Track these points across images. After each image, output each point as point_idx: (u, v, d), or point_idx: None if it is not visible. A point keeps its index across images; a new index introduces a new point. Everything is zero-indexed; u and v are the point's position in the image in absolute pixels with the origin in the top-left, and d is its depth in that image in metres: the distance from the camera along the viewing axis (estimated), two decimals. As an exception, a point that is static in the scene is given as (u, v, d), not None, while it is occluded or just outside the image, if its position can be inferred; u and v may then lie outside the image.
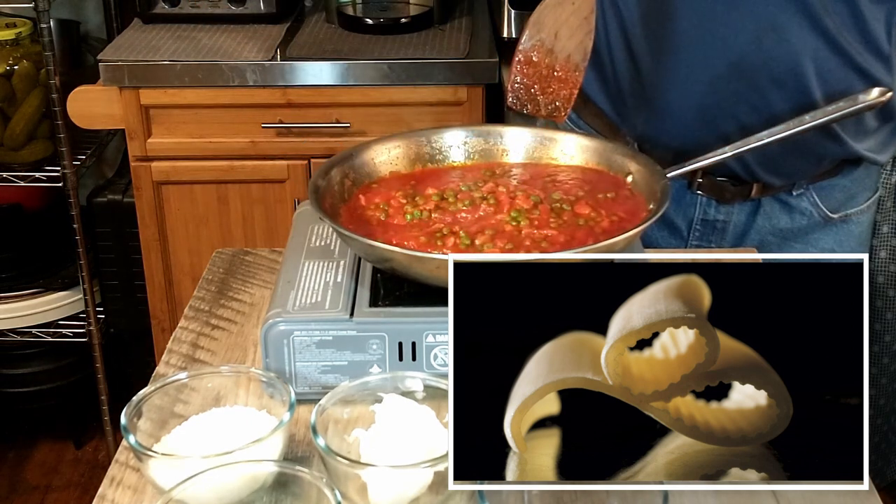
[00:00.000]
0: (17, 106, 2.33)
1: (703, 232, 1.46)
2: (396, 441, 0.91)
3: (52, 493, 2.56)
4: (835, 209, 1.46)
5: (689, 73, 1.33)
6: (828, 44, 1.29)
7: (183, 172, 2.23)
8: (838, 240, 1.47)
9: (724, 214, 1.45)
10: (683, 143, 1.35)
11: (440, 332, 1.03)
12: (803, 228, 1.46)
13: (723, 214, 1.45)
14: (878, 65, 1.31)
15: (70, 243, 2.35)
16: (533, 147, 1.26)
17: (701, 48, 1.31)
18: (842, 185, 1.44)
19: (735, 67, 1.30)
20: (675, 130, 1.37)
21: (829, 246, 1.47)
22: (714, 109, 1.34)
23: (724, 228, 1.46)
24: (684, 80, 1.33)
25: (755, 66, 1.30)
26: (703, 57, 1.31)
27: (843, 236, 1.47)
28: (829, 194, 1.44)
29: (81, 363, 2.55)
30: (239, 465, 0.86)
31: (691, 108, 1.35)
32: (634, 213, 1.12)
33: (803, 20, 1.27)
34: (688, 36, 1.31)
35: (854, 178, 1.44)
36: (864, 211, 1.49)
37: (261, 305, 1.23)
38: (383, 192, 1.18)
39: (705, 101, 1.34)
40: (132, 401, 0.94)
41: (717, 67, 1.31)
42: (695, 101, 1.34)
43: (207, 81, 2.15)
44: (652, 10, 1.34)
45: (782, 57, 1.29)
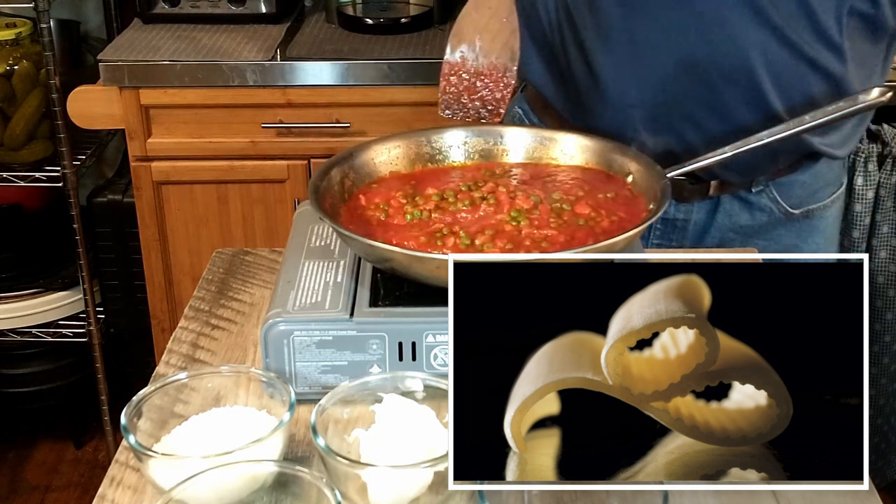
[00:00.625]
0: (17, 106, 2.33)
1: (663, 231, 1.46)
2: (396, 441, 0.91)
3: (52, 493, 2.56)
4: (796, 205, 1.44)
5: (639, 71, 1.32)
6: (776, 37, 1.28)
7: (183, 172, 2.23)
8: (802, 236, 1.46)
9: (683, 213, 1.44)
10: (641, 143, 1.34)
11: (440, 332, 1.03)
12: (764, 225, 1.44)
13: (682, 213, 1.44)
14: (829, 56, 1.30)
15: (70, 243, 2.35)
16: (533, 147, 1.26)
17: (649, 46, 1.31)
18: (801, 181, 1.43)
19: (684, 64, 1.30)
20: (631, 129, 1.36)
21: (792, 242, 1.46)
22: (667, 107, 1.33)
23: (685, 227, 1.45)
24: (636, 78, 1.33)
25: (704, 62, 1.29)
26: (652, 55, 1.31)
27: (806, 232, 1.46)
28: (788, 190, 1.43)
29: (81, 363, 2.55)
30: (239, 465, 0.86)
31: (645, 106, 1.34)
32: (634, 213, 1.12)
33: (749, 13, 1.26)
34: (636, 34, 1.31)
35: (814, 173, 1.43)
36: (828, 206, 1.48)
37: (261, 305, 1.23)
38: (383, 192, 1.18)
39: (657, 100, 1.33)
40: (132, 401, 0.94)
41: (667, 66, 1.31)
42: (648, 99, 1.34)
43: (207, 81, 2.15)
44: (601, 9, 1.33)
45: (731, 52, 1.28)
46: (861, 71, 1.33)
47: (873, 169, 2.09)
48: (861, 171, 2.09)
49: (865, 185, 2.09)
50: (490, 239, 1.07)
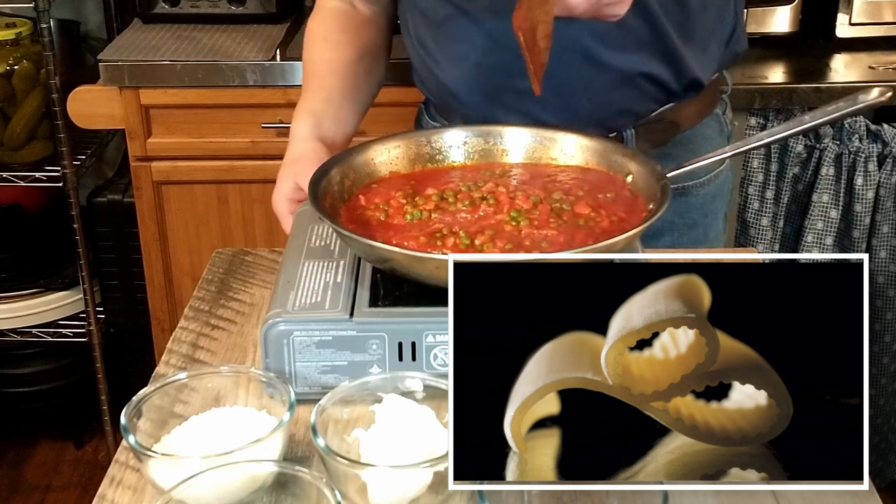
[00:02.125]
0: (17, 106, 2.33)
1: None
2: (396, 441, 0.91)
3: (52, 493, 2.56)
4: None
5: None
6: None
7: (183, 172, 2.23)
8: (678, 211, 1.45)
9: None
10: (473, 116, 1.38)
11: (440, 332, 1.03)
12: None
13: None
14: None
15: (70, 243, 2.35)
16: (533, 147, 1.26)
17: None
18: (675, 156, 1.40)
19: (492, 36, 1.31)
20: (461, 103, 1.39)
21: (669, 217, 1.43)
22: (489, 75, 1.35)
23: None
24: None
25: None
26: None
27: (682, 207, 1.45)
28: (661, 163, 1.42)
29: (81, 363, 2.55)
30: (239, 465, 0.86)
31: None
32: (634, 213, 1.12)
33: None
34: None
35: (685, 148, 1.43)
36: (705, 183, 1.48)
37: (261, 305, 1.23)
38: (383, 192, 1.18)
39: (480, 76, 1.36)
40: (132, 401, 0.94)
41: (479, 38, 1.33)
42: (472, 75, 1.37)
43: (207, 81, 2.15)
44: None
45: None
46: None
47: (873, 169, 2.09)
48: (861, 171, 2.09)
49: (865, 185, 2.10)
50: (490, 239, 1.07)
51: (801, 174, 2.15)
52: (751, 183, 2.15)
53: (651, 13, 1.33)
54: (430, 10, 1.41)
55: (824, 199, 2.13)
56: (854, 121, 2.07)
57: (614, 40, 1.33)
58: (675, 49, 1.37)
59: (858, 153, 2.08)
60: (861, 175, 2.09)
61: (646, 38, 1.35)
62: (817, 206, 2.13)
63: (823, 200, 2.13)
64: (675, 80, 1.39)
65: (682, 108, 1.43)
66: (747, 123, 2.11)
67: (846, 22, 2.23)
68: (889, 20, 2.23)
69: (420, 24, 1.44)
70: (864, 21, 2.23)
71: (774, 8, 2.22)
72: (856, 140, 2.08)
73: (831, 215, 2.13)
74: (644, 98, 1.40)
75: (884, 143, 2.08)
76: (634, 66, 1.36)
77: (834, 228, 2.14)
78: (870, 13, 2.23)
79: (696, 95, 1.43)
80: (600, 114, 1.38)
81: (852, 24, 2.23)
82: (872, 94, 1.27)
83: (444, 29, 1.40)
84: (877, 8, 2.22)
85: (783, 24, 2.24)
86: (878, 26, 2.24)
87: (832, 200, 2.13)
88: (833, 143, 2.09)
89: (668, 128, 1.43)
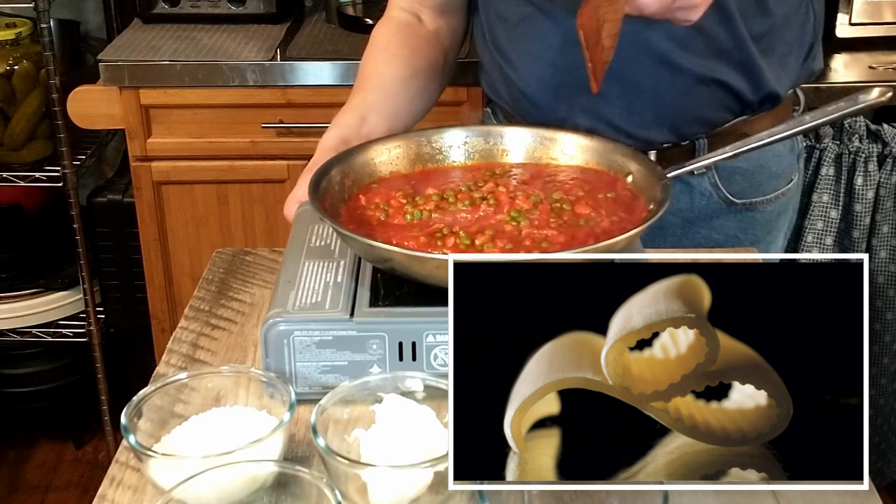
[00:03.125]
0: (17, 106, 2.33)
1: None
2: (396, 441, 0.91)
3: (52, 493, 2.56)
4: (736, 194, 1.44)
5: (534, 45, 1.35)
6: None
7: (183, 172, 2.23)
8: (742, 227, 1.45)
9: None
10: (543, 118, 1.37)
11: (440, 332, 1.03)
12: (705, 211, 1.44)
13: None
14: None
15: (70, 243, 2.35)
16: (533, 147, 1.26)
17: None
18: (743, 169, 1.42)
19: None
20: (532, 104, 1.38)
21: (732, 232, 1.45)
22: (563, 76, 1.34)
23: None
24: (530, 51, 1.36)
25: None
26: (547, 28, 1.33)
27: (747, 223, 1.46)
28: (730, 177, 1.43)
29: (81, 363, 2.55)
30: (239, 465, 0.86)
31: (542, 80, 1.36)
32: (634, 213, 1.12)
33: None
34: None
35: (758, 163, 1.43)
36: (772, 201, 1.47)
37: (261, 305, 1.23)
38: (383, 192, 1.18)
39: (555, 76, 1.35)
40: (132, 401, 0.94)
41: (555, 37, 1.33)
42: (546, 75, 1.36)
43: (207, 81, 2.15)
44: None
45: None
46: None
47: (873, 169, 2.09)
48: (861, 171, 2.09)
49: (865, 185, 2.10)
50: (490, 239, 1.07)
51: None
52: (751, 183, 2.15)
53: (732, 21, 1.32)
54: (506, 11, 1.40)
55: (824, 199, 2.12)
56: (854, 121, 2.06)
57: (692, 45, 1.32)
58: (753, 60, 1.35)
59: (858, 153, 2.08)
60: (861, 175, 2.09)
61: (725, 46, 1.34)
62: (817, 206, 2.13)
63: (823, 200, 2.13)
64: (751, 91, 1.38)
65: (755, 121, 1.41)
66: (747, 123, 2.11)
67: (846, 22, 2.23)
68: (889, 20, 2.23)
69: (495, 26, 1.42)
70: (864, 21, 2.23)
71: (774, 8, 2.22)
72: (856, 140, 2.08)
73: (831, 215, 2.13)
74: (718, 107, 1.38)
75: (884, 143, 2.08)
76: (710, 72, 1.35)
77: (834, 228, 2.14)
78: (870, 13, 2.23)
79: (770, 108, 1.42)
80: (672, 119, 1.37)
81: (852, 24, 2.23)
82: (872, 94, 1.27)
83: (520, 29, 1.39)
84: (877, 8, 2.22)
85: (783, 24, 2.24)
86: (878, 26, 2.24)
87: (832, 200, 2.13)
88: (833, 143, 2.09)
89: (740, 139, 1.41)
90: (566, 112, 1.38)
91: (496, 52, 1.44)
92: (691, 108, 1.38)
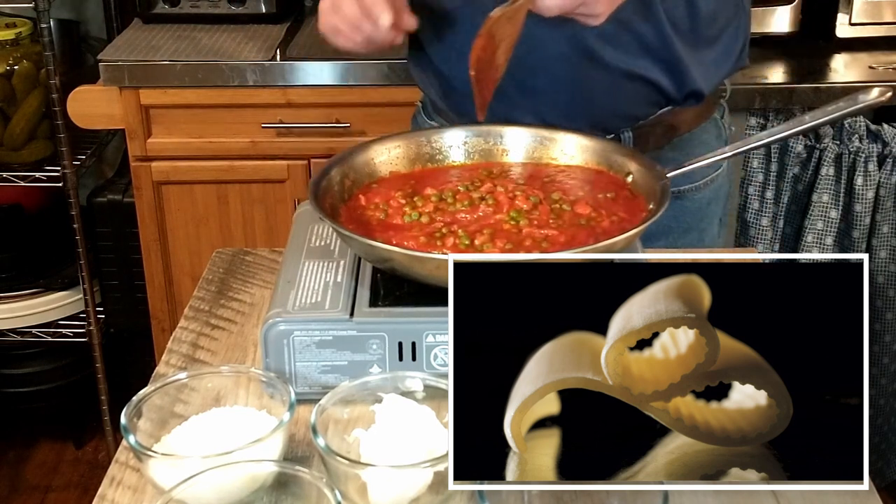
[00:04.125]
0: (17, 106, 2.33)
1: None
2: (396, 441, 0.91)
3: (52, 493, 2.56)
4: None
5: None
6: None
7: (183, 172, 2.23)
8: (673, 214, 1.44)
9: None
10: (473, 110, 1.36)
11: (440, 332, 1.03)
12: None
13: None
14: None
15: (70, 243, 2.35)
16: (533, 147, 1.26)
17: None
18: (670, 159, 1.39)
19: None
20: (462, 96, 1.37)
21: (665, 221, 1.43)
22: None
23: None
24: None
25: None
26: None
27: (677, 211, 1.45)
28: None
29: (81, 363, 2.55)
30: (239, 465, 0.86)
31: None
32: (634, 213, 1.12)
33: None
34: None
35: (682, 151, 1.42)
36: (701, 188, 1.48)
37: (261, 305, 1.23)
38: (383, 192, 1.18)
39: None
40: (132, 401, 0.94)
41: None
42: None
43: (207, 81, 2.15)
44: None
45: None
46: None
47: (873, 169, 2.09)
48: (861, 171, 2.09)
49: (865, 185, 2.10)
50: (490, 239, 1.07)
51: (801, 174, 2.15)
52: (751, 183, 2.15)
53: (658, 20, 1.33)
54: (435, 4, 1.40)
55: (824, 199, 2.12)
56: (854, 121, 2.06)
57: (618, 41, 1.33)
58: (679, 58, 1.36)
59: (858, 153, 2.08)
60: (861, 175, 2.09)
61: (651, 44, 1.35)
62: (817, 206, 2.13)
63: (823, 200, 2.13)
64: (675, 89, 1.39)
65: (680, 112, 1.43)
66: (747, 123, 2.11)
67: (846, 22, 2.23)
68: (889, 20, 2.23)
69: (424, 17, 1.43)
70: (864, 21, 2.23)
71: (774, 8, 2.22)
72: (856, 140, 2.08)
73: (831, 215, 2.13)
74: (643, 102, 1.40)
75: (884, 143, 2.08)
76: (636, 69, 1.36)
77: (834, 228, 2.14)
78: (870, 13, 2.23)
79: (695, 104, 1.43)
80: (598, 114, 1.38)
81: (852, 24, 2.23)
82: (872, 94, 1.27)
83: (448, 21, 1.39)
84: (877, 8, 2.22)
85: (783, 24, 2.24)
86: (878, 26, 2.24)
87: (832, 200, 2.13)
88: (833, 143, 2.09)
89: (666, 131, 1.43)
90: (495, 104, 1.37)
91: (424, 41, 1.44)
92: (616, 104, 1.39)
